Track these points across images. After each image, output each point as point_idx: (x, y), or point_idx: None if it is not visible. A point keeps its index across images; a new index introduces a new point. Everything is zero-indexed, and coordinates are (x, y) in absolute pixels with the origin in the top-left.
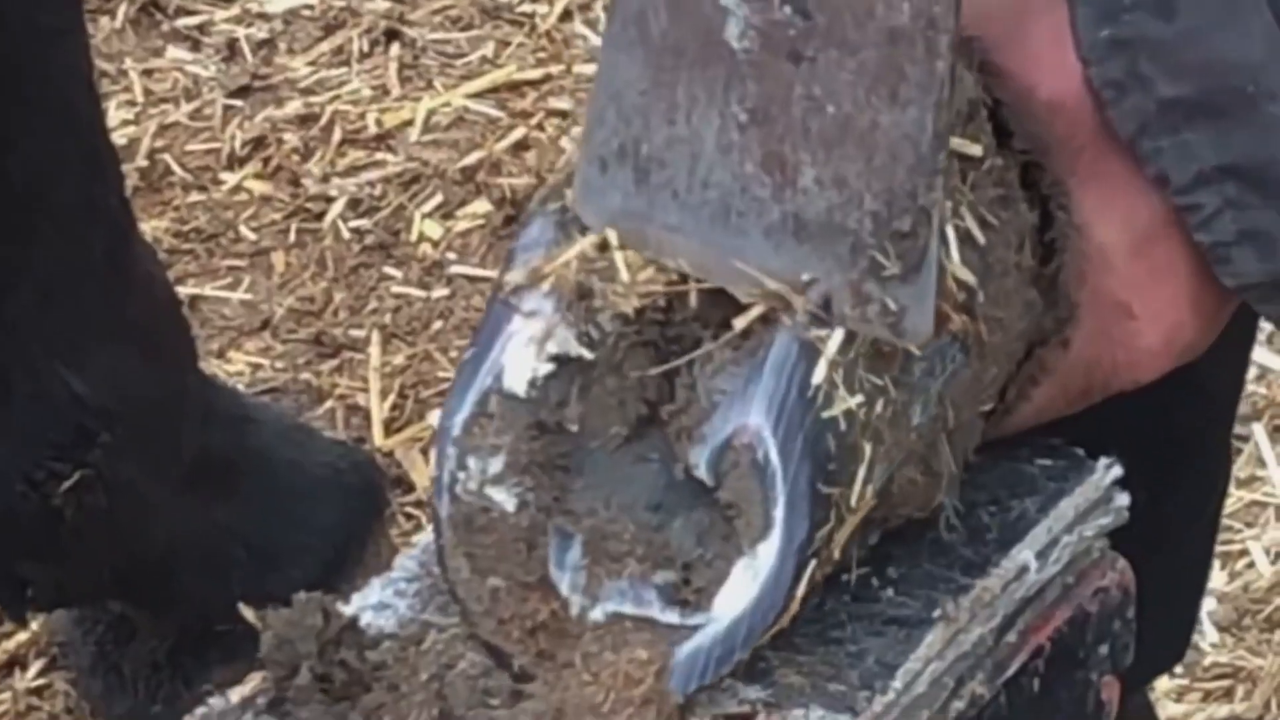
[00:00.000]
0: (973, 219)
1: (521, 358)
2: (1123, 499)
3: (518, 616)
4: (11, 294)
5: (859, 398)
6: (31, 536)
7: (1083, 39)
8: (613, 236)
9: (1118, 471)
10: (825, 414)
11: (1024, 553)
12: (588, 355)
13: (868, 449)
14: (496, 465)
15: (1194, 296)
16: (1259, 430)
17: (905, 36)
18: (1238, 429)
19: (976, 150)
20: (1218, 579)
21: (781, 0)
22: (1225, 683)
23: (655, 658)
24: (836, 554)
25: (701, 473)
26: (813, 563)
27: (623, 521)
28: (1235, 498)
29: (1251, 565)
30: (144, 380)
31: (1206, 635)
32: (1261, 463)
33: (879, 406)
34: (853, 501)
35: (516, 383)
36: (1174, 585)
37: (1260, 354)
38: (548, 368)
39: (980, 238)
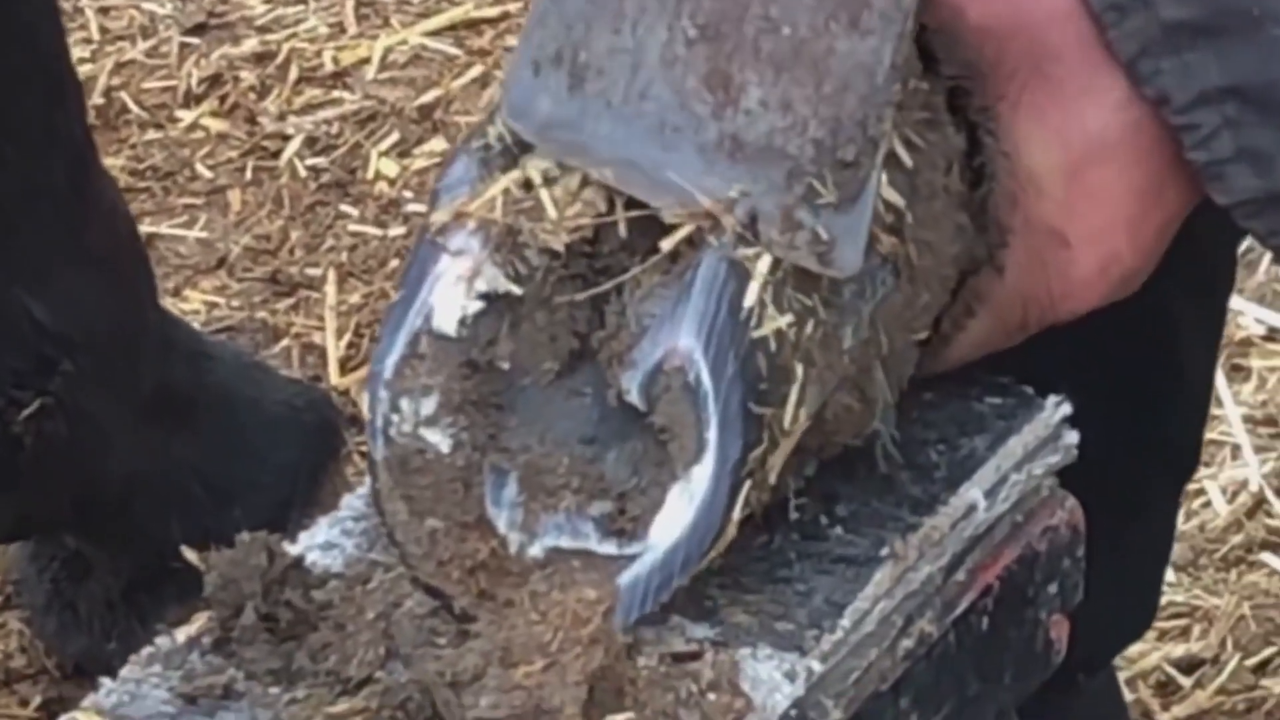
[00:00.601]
0: (899, 141)
1: (450, 297)
2: (1071, 437)
3: (457, 557)
4: None
5: (789, 317)
6: None
7: None
8: (536, 174)
9: (1066, 409)
10: (756, 334)
11: (972, 491)
12: (516, 291)
13: (799, 370)
14: (429, 406)
15: (1129, 223)
16: (1216, 370)
17: None
18: None
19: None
20: None
21: None
22: (1182, 622)
23: (603, 597)
24: (772, 478)
25: (634, 398)
26: (747, 484)
27: (557, 456)
28: None
29: (1208, 504)
30: (105, 308)
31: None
32: (1219, 401)
33: (809, 327)
34: (786, 423)
35: (446, 322)
36: (1144, 555)
37: None
38: (477, 306)
39: (907, 160)
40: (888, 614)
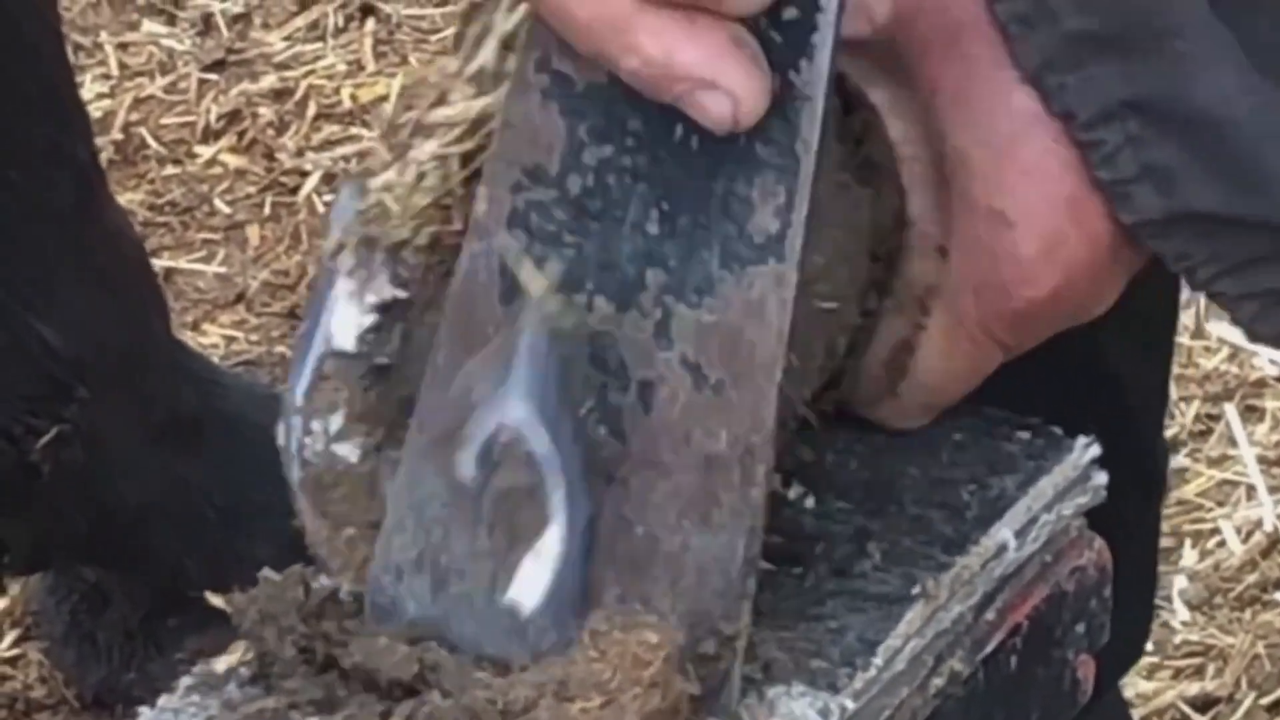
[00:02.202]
0: None
1: (346, 315)
2: (1100, 478)
3: (371, 557)
4: None
5: None
6: (8, 494)
7: None
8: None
9: (1096, 450)
10: None
11: (1003, 531)
12: (402, 295)
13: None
14: (337, 421)
15: (1070, 202)
16: (1230, 410)
17: (722, 464)
18: (1209, 409)
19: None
20: (1189, 557)
21: (597, 421)
22: (1196, 660)
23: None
24: None
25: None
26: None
27: None
28: (1206, 477)
29: (1223, 544)
30: (115, 331)
31: (1177, 613)
32: (1233, 442)
33: None
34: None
35: (345, 340)
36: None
37: (1231, 333)
38: (371, 318)
39: None
40: (919, 652)
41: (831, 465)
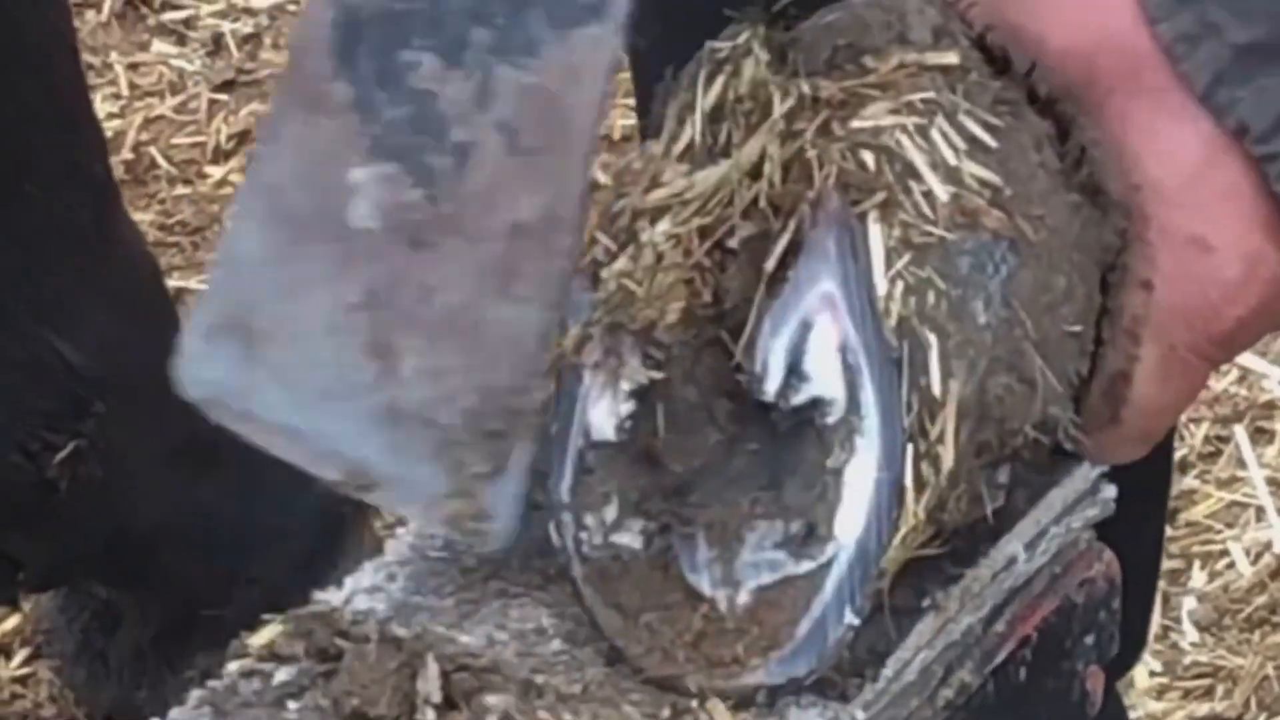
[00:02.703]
0: (975, 124)
1: (602, 405)
2: (1109, 491)
3: (677, 638)
4: (0, 254)
5: (900, 283)
6: (25, 510)
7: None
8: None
9: (1103, 465)
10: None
11: (1013, 543)
12: (659, 376)
13: (933, 339)
14: (612, 512)
15: (1265, 221)
16: (1239, 432)
17: (527, 233)
18: (1218, 431)
19: (952, 58)
20: (1198, 579)
21: (413, 183)
22: (1205, 682)
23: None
24: (947, 458)
25: (773, 385)
26: (911, 452)
27: (737, 502)
28: (1215, 498)
29: (1231, 565)
30: (132, 346)
31: (1186, 634)
32: (1242, 464)
33: (930, 298)
34: (935, 391)
35: (606, 430)
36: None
37: (1241, 355)
38: (629, 405)
39: (988, 140)
40: (929, 664)
41: None
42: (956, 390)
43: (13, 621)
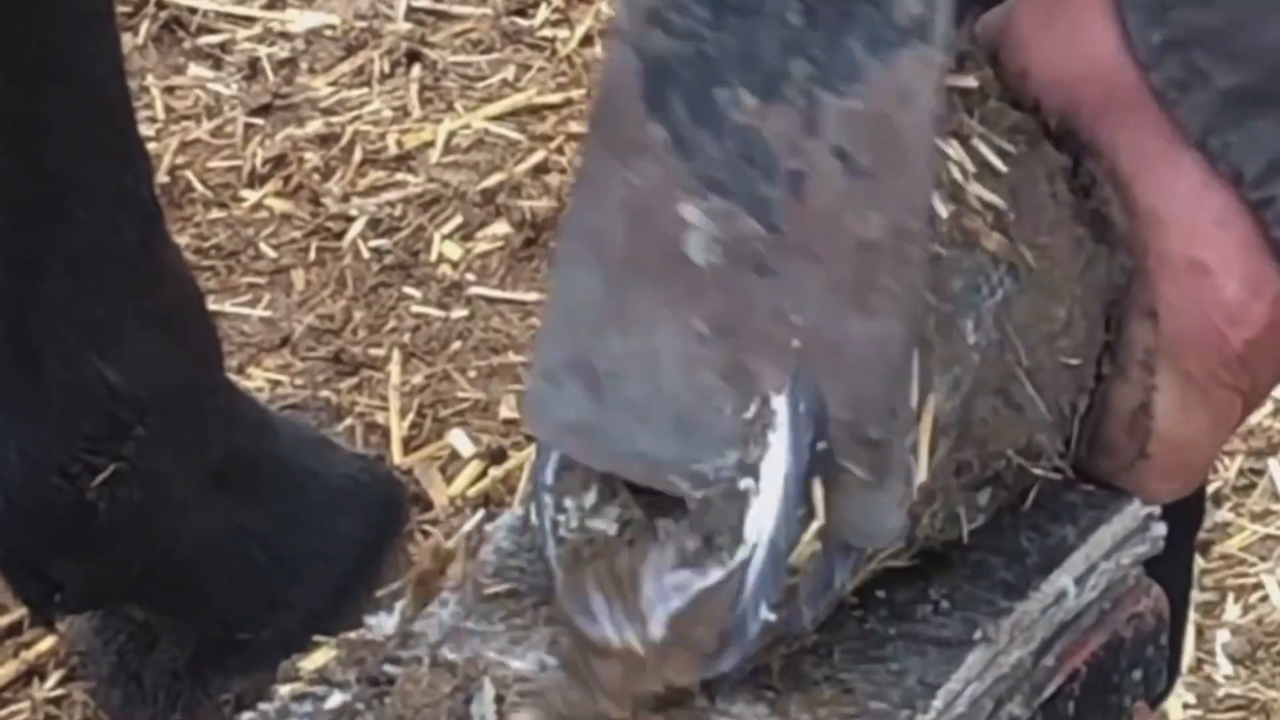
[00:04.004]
0: (988, 148)
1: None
2: (1159, 529)
3: (603, 688)
4: (46, 276)
5: None
6: (64, 531)
7: (1138, 46)
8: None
9: (1155, 507)
10: None
11: (1063, 578)
12: None
13: (915, 352)
14: (590, 498)
15: (1264, 244)
16: (1274, 465)
17: (877, 247)
18: (1252, 464)
19: (971, 82)
20: (1231, 612)
21: (747, 213)
22: (1239, 714)
23: None
24: (920, 472)
25: None
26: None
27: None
28: (1249, 531)
29: (1265, 599)
30: (174, 370)
31: (1220, 667)
32: (1276, 497)
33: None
34: (911, 403)
35: None
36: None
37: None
38: None
39: (1000, 165)
40: (978, 696)
41: None
42: (935, 404)
43: (47, 643)
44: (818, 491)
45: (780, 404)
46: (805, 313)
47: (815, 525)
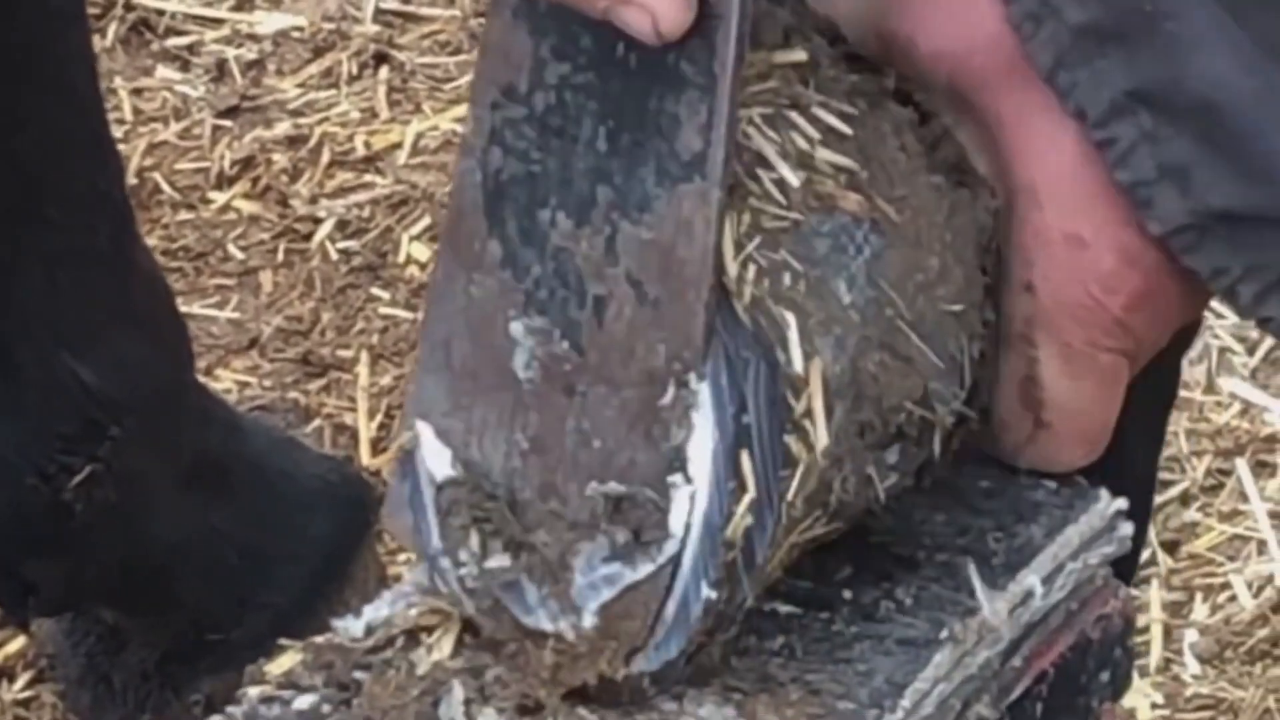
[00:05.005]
0: (828, 114)
1: (435, 452)
2: (1126, 529)
3: (532, 677)
4: (21, 276)
5: (752, 266)
6: (40, 533)
7: None
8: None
9: (1122, 503)
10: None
11: (1030, 578)
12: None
13: (791, 317)
14: (475, 542)
15: (1136, 218)
16: (1242, 465)
17: (659, 378)
18: (1220, 464)
19: (800, 55)
20: (1200, 611)
21: (560, 334)
22: (1207, 714)
23: None
24: (820, 436)
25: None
26: (760, 438)
27: (558, 529)
28: (1217, 531)
29: (1234, 599)
30: (148, 369)
31: (1188, 667)
32: (1244, 497)
33: (786, 279)
34: (795, 366)
35: (445, 469)
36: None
37: (1243, 389)
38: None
39: (844, 128)
40: (946, 697)
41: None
42: (821, 366)
43: (16, 645)
44: (746, 464)
45: (700, 385)
46: (602, 436)
47: (747, 498)
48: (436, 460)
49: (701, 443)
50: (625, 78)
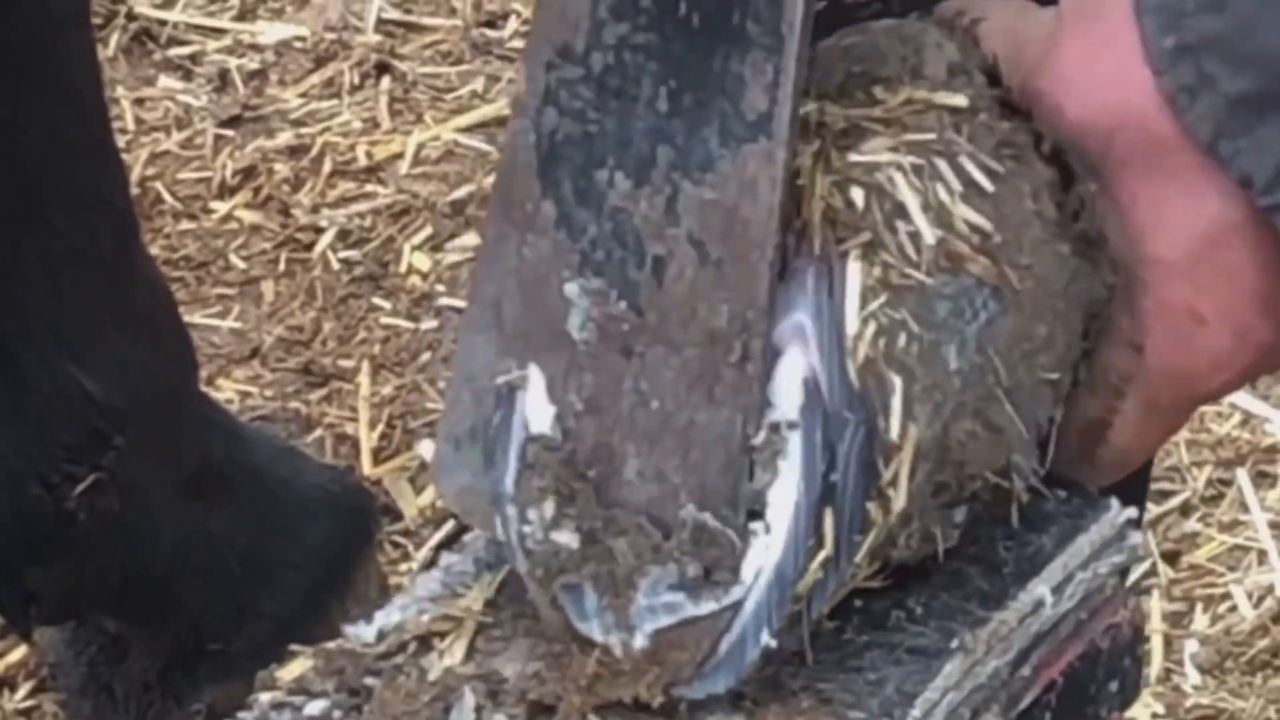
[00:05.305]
0: (974, 166)
1: (540, 405)
2: (1136, 538)
3: (570, 683)
4: (24, 282)
5: (873, 326)
6: (43, 541)
7: (1151, 50)
8: None
9: (1132, 512)
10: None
11: (1040, 587)
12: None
13: (897, 381)
14: (550, 509)
15: (1261, 298)
16: (1242, 475)
17: (722, 338)
18: (1221, 474)
19: (961, 101)
20: (1200, 621)
21: (618, 295)
22: None
23: None
24: (899, 500)
25: None
26: (845, 499)
27: (631, 536)
28: (1218, 542)
29: (1234, 609)
30: (151, 376)
31: (1189, 677)
32: (1244, 507)
33: (901, 340)
34: (894, 434)
35: (543, 423)
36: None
37: (1243, 400)
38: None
39: (987, 185)
40: (956, 706)
41: None
42: (915, 434)
43: (18, 654)
44: (828, 521)
45: (793, 433)
46: (661, 397)
47: (823, 555)
48: (538, 412)
49: (785, 492)
50: (688, 37)
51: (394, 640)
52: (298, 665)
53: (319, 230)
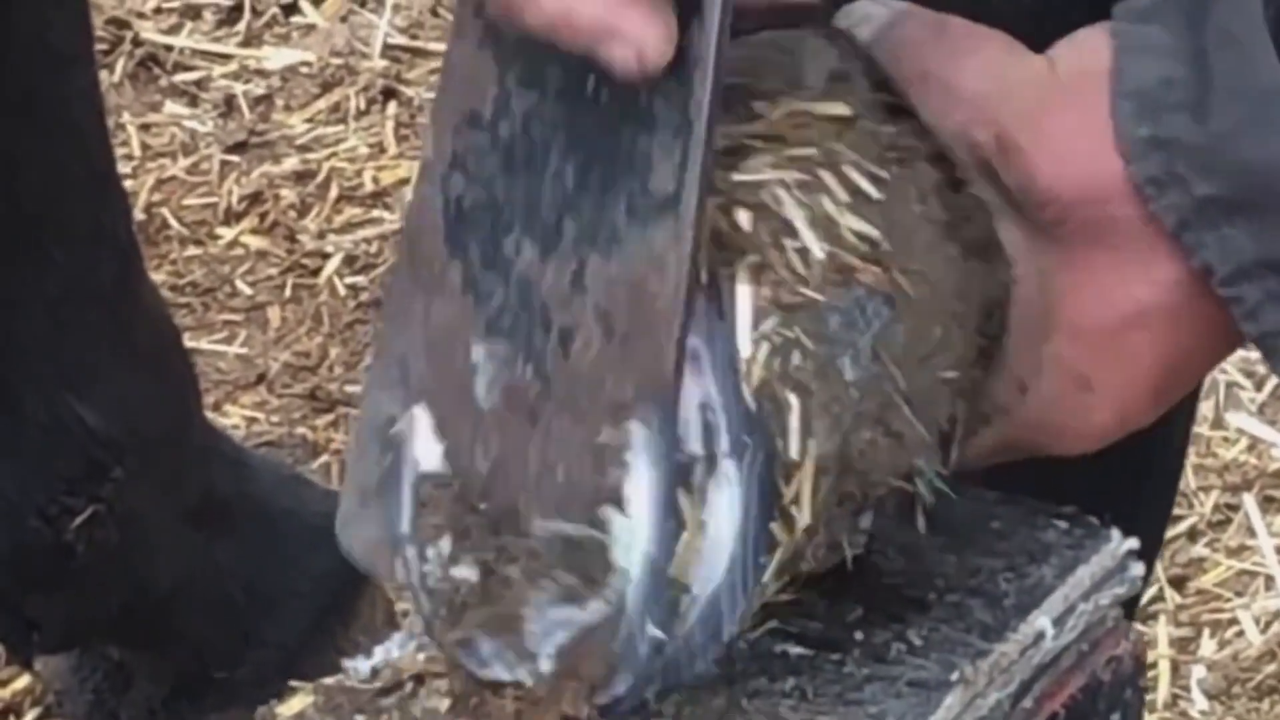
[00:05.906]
0: (859, 175)
1: (429, 443)
2: (1137, 569)
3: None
4: (24, 317)
5: (765, 345)
6: (42, 572)
7: (1122, 134)
8: None
9: (1133, 543)
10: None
11: (1041, 619)
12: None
13: (794, 400)
14: (446, 545)
15: (1154, 390)
16: (1249, 500)
17: (628, 410)
18: (1228, 499)
19: (842, 109)
20: (1207, 647)
21: (524, 361)
22: None
23: None
24: (804, 516)
25: None
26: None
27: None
28: (1225, 567)
29: (1241, 634)
30: (152, 409)
31: (1196, 703)
32: (1251, 532)
33: (795, 358)
34: (792, 453)
35: (432, 461)
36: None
37: (1250, 424)
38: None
39: (873, 192)
40: None
41: (873, 554)
42: (815, 451)
43: (23, 681)
44: (684, 501)
45: (634, 425)
46: (567, 469)
47: (684, 536)
48: (427, 450)
49: (638, 481)
50: (596, 113)
51: (389, 677)
52: (298, 701)
53: (325, 256)
